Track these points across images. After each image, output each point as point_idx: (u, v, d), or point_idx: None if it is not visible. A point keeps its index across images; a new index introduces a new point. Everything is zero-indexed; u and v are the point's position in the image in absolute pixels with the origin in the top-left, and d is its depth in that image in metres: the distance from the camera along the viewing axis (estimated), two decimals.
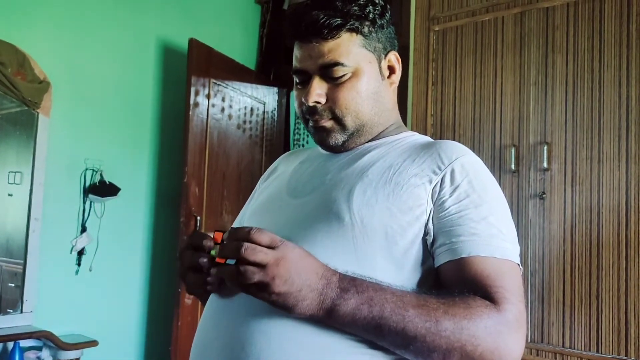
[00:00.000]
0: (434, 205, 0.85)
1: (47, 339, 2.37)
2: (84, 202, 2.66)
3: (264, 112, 3.42)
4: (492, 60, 2.36)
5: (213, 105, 2.99)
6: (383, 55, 0.97)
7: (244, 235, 0.72)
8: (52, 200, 2.54)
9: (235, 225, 1.13)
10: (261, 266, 0.71)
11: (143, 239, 2.96)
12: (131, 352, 2.90)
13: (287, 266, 0.71)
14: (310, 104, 0.92)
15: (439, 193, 0.85)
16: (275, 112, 3.53)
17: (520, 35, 2.30)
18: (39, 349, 2.43)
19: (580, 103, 2.14)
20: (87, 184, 2.67)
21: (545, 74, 2.22)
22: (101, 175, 2.69)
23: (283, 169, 1.10)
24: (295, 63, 0.96)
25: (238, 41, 3.47)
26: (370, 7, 0.93)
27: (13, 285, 2.47)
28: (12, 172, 2.51)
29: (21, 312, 2.41)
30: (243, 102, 3.24)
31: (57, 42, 2.59)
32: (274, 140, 3.50)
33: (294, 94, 0.99)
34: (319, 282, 0.74)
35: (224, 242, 0.76)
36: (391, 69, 0.99)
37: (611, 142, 2.05)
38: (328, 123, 0.94)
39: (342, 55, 0.90)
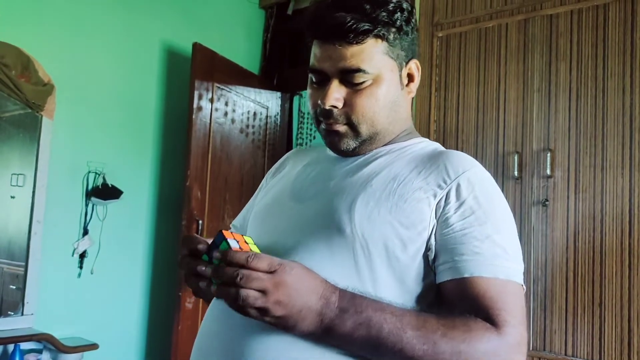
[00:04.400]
0: (437, 221, 0.83)
1: (47, 341, 2.36)
2: (86, 205, 2.66)
3: (267, 116, 3.43)
4: (495, 66, 2.36)
5: (216, 110, 3.00)
6: (404, 63, 0.94)
7: (241, 262, 0.71)
8: (55, 203, 2.54)
9: (238, 220, 1.13)
10: (261, 291, 0.70)
11: (145, 242, 2.95)
12: (132, 356, 2.89)
13: (286, 290, 0.71)
14: (327, 107, 0.89)
15: (443, 208, 0.83)
16: (278, 117, 3.53)
17: (524, 42, 2.30)
18: (39, 351, 2.42)
19: (583, 110, 2.14)
20: (90, 186, 2.67)
21: (548, 81, 2.22)
22: (104, 178, 2.69)
23: (290, 168, 1.08)
24: (313, 61, 0.92)
25: (242, 46, 3.47)
26: (399, 13, 0.89)
27: (14, 287, 2.46)
28: (15, 174, 2.51)
29: (22, 314, 2.40)
30: (246, 107, 3.25)
31: (61, 45, 2.60)
32: (276, 144, 3.50)
33: (308, 92, 0.96)
34: (318, 302, 0.74)
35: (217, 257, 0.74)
36: (410, 77, 0.96)
37: (614, 150, 2.05)
38: (342, 128, 0.91)
39: (364, 61, 0.87)
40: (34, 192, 2.46)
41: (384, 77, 0.89)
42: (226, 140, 3.08)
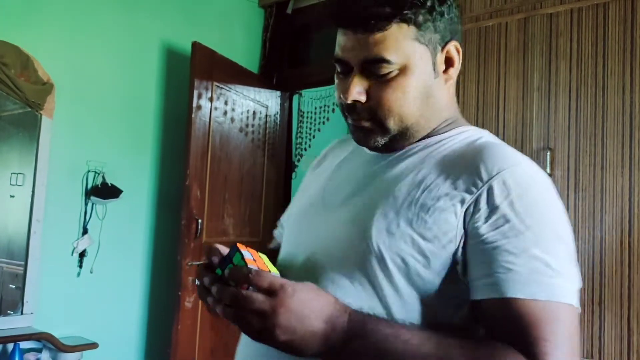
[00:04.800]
0: (465, 230, 0.74)
1: (47, 340, 2.36)
2: (86, 204, 2.66)
3: (266, 115, 3.42)
4: (495, 65, 2.35)
5: (215, 109, 2.99)
6: (440, 47, 0.82)
7: (243, 277, 0.68)
8: (54, 202, 2.54)
9: (284, 217, 1.08)
10: (260, 314, 0.67)
11: (144, 242, 2.95)
12: (131, 355, 2.89)
13: (287, 315, 0.66)
14: (349, 102, 0.81)
15: (472, 216, 0.73)
16: (278, 116, 3.53)
17: (524, 41, 2.30)
18: (39, 350, 2.42)
19: (583, 109, 2.13)
20: (89, 186, 2.67)
21: (548, 80, 2.22)
22: (103, 177, 2.69)
23: (329, 162, 1.01)
24: (337, 50, 0.83)
25: (241, 45, 3.47)
26: None
27: (14, 286, 2.46)
28: (14, 173, 2.51)
29: (21, 313, 2.40)
30: (245, 106, 3.25)
31: (61, 44, 2.59)
32: (276, 143, 3.50)
33: (335, 82, 0.87)
34: (323, 326, 0.68)
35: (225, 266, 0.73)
36: (449, 62, 0.84)
37: (614, 149, 2.05)
38: (367, 123, 0.82)
39: (389, 49, 0.77)
40: (33, 191, 2.46)
41: (413, 66, 0.79)
42: (226, 139, 3.08)
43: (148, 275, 2.96)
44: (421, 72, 0.80)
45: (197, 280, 0.80)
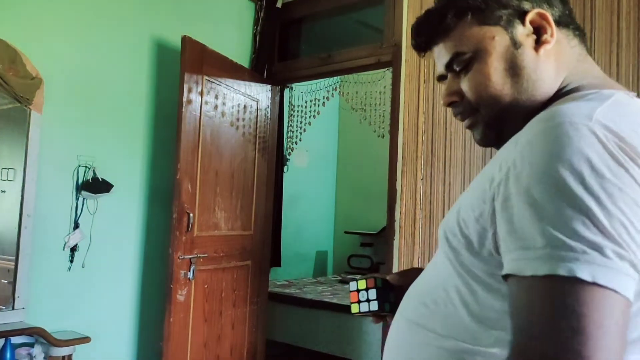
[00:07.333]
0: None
1: (39, 335, 2.37)
2: (77, 199, 2.66)
3: (257, 109, 3.43)
4: None
5: (206, 103, 3.00)
6: (516, 19, 0.79)
7: None
8: (45, 197, 2.54)
9: None
10: None
11: (135, 236, 2.96)
12: (124, 349, 2.90)
13: None
14: (445, 105, 0.87)
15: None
16: (269, 110, 3.53)
17: None
18: (31, 345, 2.42)
19: None
20: (80, 180, 2.67)
21: None
22: (94, 171, 2.69)
23: None
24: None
25: (231, 39, 3.47)
26: None
27: (5, 281, 2.46)
28: (4, 168, 2.50)
29: (13, 308, 2.40)
30: (236, 100, 3.25)
31: (49, 39, 2.59)
32: (267, 137, 3.51)
33: None
34: None
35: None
36: (538, 31, 0.79)
37: None
38: (471, 119, 0.84)
39: (458, 45, 0.81)
40: (23, 186, 2.46)
41: (486, 49, 0.79)
42: (216, 133, 3.08)
43: (140, 269, 2.97)
44: (498, 50, 0.79)
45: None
